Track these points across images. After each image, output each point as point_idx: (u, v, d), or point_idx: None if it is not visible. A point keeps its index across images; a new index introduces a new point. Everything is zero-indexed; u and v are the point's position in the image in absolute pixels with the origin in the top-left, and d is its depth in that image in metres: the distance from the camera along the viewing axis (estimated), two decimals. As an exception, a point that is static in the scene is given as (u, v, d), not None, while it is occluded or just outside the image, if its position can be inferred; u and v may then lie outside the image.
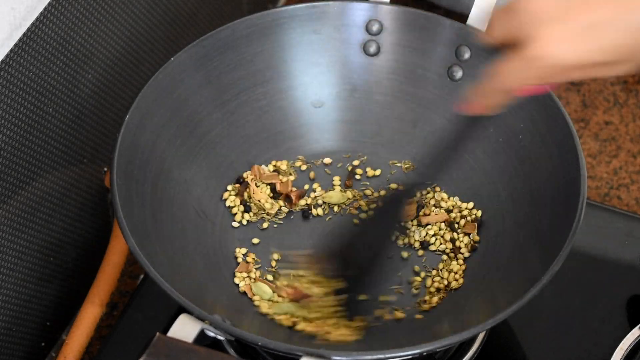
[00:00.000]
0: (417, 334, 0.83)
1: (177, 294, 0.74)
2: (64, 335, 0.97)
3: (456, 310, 0.83)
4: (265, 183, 0.91)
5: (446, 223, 0.88)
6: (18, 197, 0.86)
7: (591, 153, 1.07)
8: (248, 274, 0.86)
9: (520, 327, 0.90)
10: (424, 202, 0.90)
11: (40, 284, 0.91)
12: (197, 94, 0.90)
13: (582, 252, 0.93)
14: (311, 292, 0.83)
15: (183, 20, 1.03)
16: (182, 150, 0.89)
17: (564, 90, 1.12)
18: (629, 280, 0.92)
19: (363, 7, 0.92)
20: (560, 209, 0.81)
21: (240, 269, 0.86)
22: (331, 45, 0.93)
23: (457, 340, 0.75)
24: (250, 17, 0.91)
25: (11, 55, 0.81)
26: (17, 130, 0.84)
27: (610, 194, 1.04)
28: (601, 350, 0.88)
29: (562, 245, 0.77)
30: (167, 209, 0.85)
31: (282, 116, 0.94)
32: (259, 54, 0.92)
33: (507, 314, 0.74)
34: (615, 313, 0.91)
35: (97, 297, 0.93)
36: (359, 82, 0.94)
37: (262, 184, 0.91)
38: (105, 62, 0.93)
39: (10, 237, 0.86)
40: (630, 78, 1.13)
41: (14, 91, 0.82)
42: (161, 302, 0.91)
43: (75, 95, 0.91)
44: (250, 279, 0.86)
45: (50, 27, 0.85)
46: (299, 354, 0.72)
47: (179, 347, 0.70)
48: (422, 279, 0.87)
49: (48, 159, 0.89)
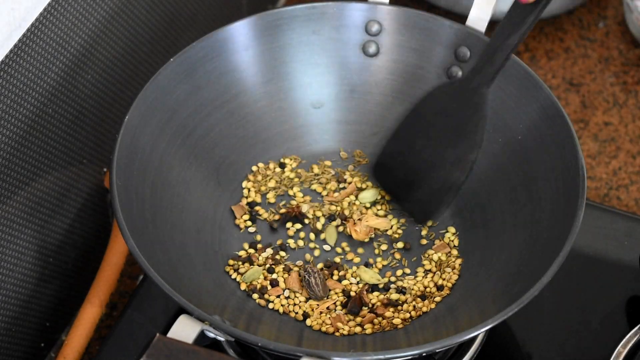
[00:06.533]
0: (417, 334, 0.83)
1: (176, 295, 0.74)
2: (64, 335, 0.97)
3: (456, 311, 0.83)
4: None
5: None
6: (18, 197, 0.86)
7: (591, 154, 1.07)
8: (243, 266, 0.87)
9: (520, 327, 0.90)
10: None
11: (40, 284, 0.91)
12: (197, 95, 0.90)
13: (582, 253, 0.94)
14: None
15: (183, 21, 1.03)
16: (182, 150, 0.89)
17: (563, 90, 1.12)
18: (628, 280, 0.92)
19: (362, 7, 0.92)
20: (560, 209, 0.81)
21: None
22: (330, 46, 0.93)
23: (457, 341, 0.75)
24: (249, 17, 0.91)
25: (11, 55, 0.81)
26: (17, 131, 0.84)
27: (609, 194, 1.05)
28: (601, 350, 0.88)
29: (562, 245, 0.77)
30: (167, 210, 0.85)
31: (281, 117, 0.94)
32: (258, 55, 0.92)
33: (506, 315, 0.74)
34: (615, 313, 0.91)
35: (97, 297, 0.93)
36: (358, 82, 0.94)
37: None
38: (105, 62, 0.93)
39: (10, 237, 0.86)
40: (630, 79, 1.13)
41: (13, 91, 0.82)
42: (161, 303, 0.90)
43: (75, 95, 0.91)
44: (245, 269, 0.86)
45: (50, 27, 0.85)
46: (299, 355, 0.72)
47: (179, 347, 0.70)
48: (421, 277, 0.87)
49: (48, 159, 0.89)
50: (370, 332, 0.83)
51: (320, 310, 0.85)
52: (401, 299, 0.85)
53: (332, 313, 0.85)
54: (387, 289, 0.86)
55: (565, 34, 1.17)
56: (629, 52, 1.15)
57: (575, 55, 1.15)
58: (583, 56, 1.15)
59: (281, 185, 0.92)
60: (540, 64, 1.14)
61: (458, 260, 0.87)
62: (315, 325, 0.84)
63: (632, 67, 1.14)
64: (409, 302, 0.85)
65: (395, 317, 0.84)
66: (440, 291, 0.86)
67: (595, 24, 1.17)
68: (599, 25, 1.17)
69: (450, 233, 0.89)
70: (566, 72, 1.14)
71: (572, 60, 1.15)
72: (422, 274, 0.87)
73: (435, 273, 0.87)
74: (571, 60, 1.15)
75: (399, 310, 0.85)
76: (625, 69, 1.14)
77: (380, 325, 0.84)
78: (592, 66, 1.14)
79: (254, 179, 0.92)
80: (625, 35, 1.16)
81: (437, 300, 0.85)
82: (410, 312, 0.84)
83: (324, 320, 0.84)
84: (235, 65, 0.91)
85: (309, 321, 0.84)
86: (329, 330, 0.84)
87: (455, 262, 0.87)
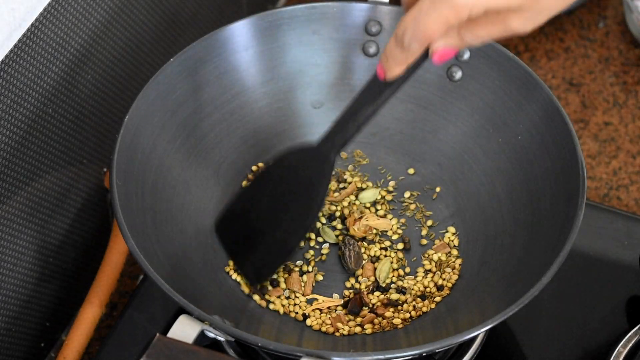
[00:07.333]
0: (417, 334, 0.83)
1: (176, 295, 0.74)
2: (64, 335, 0.97)
3: (456, 311, 0.83)
4: None
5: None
6: (18, 197, 0.86)
7: (591, 154, 1.07)
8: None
9: (520, 327, 0.90)
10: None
11: (40, 284, 0.91)
12: (197, 95, 0.90)
13: (582, 253, 0.94)
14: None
15: (183, 21, 1.03)
16: (182, 150, 0.89)
17: (563, 90, 1.12)
18: (628, 280, 0.92)
19: (362, 7, 0.92)
20: (560, 209, 0.81)
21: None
22: (331, 46, 0.93)
23: (457, 341, 0.75)
24: (249, 17, 0.91)
25: (11, 55, 0.81)
26: (17, 131, 0.84)
27: (609, 194, 1.05)
28: (601, 350, 0.88)
29: (562, 245, 0.77)
30: (167, 210, 0.85)
31: (281, 117, 0.94)
32: (258, 55, 0.92)
33: (506, 315, 0.74)
34: (615, 313, 0.91)
35: (97, 297, 0.93)
36: (358, 82, 0.94)
37: None
38: (105, 63, 0.93)
39: (10, 237, 0.86)
40: (630, 79, 1.13)
41: (13, 91, 0.82)
42: (161, 303, 0.90)
43: (75, 95, 0.91)
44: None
45: (50, 27, 0.85)
46: (299, 355, 0.72)
47: (179, 348, 0.70)
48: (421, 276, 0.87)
49: (48, 159, 0.89)
50: (370, 332, 0.83)
51: (321, 308, 0.85)
52: (401, 299, 0.85)
53: (332, 313, 0.85)
54: (387, 289, 0.86)
55: (565, 34, 1.17)
56: (629, 52, 1.15)
57: (575, 55, 1.15)
58: (583, 56, 1.15)
59: (281, 186, 0.92)
60: (540, 64, 1.14)
61: (458, 260, 0.87)
62: (315, 325, 0.84)
63: (632, 67, 1.14)
64: (409, 302, 0.85)
65: (395, 317, 0.84)
66: (440, 291, 0.86)
67: (595, 24, 1.17)
68: (599, 25, 1.17)
69: (450, 233, 0.89)
70: (566, 72, 1.14)
71: (572, 60, 1.15)
72: (422, 274, 0.87)
73: (435, 273, 0.87)
74: (571, 60, 1.15)
75: (399, 310, 0.85)
76: (625, 69, 1.14)
77: (380, 325, 0.84)
78: (592, 66, 1.14)
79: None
80: (625, 35, 1.16)
81: (437, 300, 0.85)
82: (410, 312, 0.84)
83: (324, 321, 0.84)
84: (235, 65, 0.91)
85: (309, 321, 0.84)
86: (329, 330, 0.84)
87: (455, 262, 0.87)
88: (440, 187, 0.91)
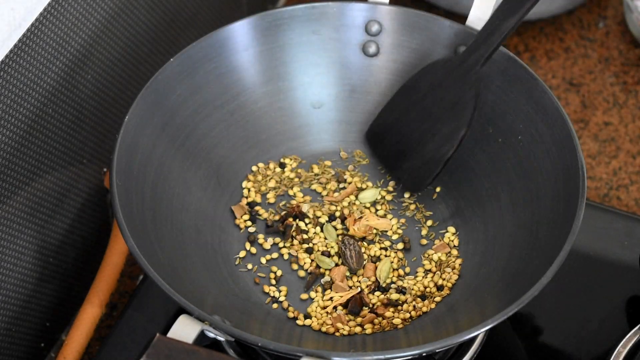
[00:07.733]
0: (417, 334, 0.83)
1: (176, 295, 0.74)
2: (64, 335, 0.97)
3: (456, 311, 0.83)
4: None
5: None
6: (18, 197, 0.86)
7: (591, 154, 1.07)
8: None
9: (520, 327, 0.90)
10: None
11: (40, 284, 0.91)
12: (197, 95, 0.90)
13: (582, 253, 0.94)
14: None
15: (183, 21, 1.03)
16: (182, 150, 0.89)
17: (563, 90, 1.12)
18: (628, 280, 0.92)
19: (362, 7, 0.92)
20: (560, 209, 0.81)
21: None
22: (330, 46, 0.93)
23: (457, 341, 0.75)
24: (249, 17, 0.91)
25: (11, 55, 0.81)
26: (17, 131, 0.84)
27: (609, 194, 1.05)
28: (601, 350, 0.88)
29: (562, 245, 0.77)
30: (167, 210, 0.85)
31: (281, 117, 0.94)
32: (258, 55, 0.92)
33: (506, 314, 0.74)
34: (615, 313, 0.91)
35: (97, 297, 0.93)
36: (358, 82, 0.94)
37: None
38: (105, 63, 0.93)
39: (9, 237, 0.86)
40: (630, 79, 1.13)
41: (13, 91, 0.82)
42: (161, 303, 0.91)
43: (75, 95, 0.91)
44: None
45: (50, 27, 0.85)
46: (299, 355, 0.72)
47: (179, 348, 0.70)
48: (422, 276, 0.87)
49: (48, 159, 0.89)
50: (370, 332, 0.83)
51: (321, 307, 0.85)
52: (401, 299, 0.85)
53: (332, 313, 0.85)
54: (387, 289, 0.86)
55: (565, 34, 1.17)
56: (629, 52, 1.15)
57: (575, 55, 1.15)
58: (583, 56, 1.15)
59: (281, 185, 0.92)
60: (540, 64, 1.14)
61: (458, 260, 0.87)
62: (315, 325, 0.84)
63: (632, 67, 1.14)
64: (409, 302, 0.85)
65: (395, 317, 0.84)
66: (440, 291, 0.86)
67: (595, 24, 1.17)
68: (599, 25, 1.17)
69: (450, 233, 0.89)
70: (566, 72, 1.14)
71: (572, 60, 1.15)
72: (422, 274, 0.87)
73: (435, 273, 0.87)
74: (571, 60, 1.15)
75: (399, 310, 0.85)
76: (625, 69, 1.14)
77: (380, 325, 0.84)
78: (592, 66, 1.14)
79: (254, 179, 0.92)
80: (625, 35, 1.16)
81: (437, 300, 0.85)
82: (410, 312, 0.84)
83: (324, 321, 0.84)
84: (235, 65, 0.91)
85: (309, 321, 0.84)
86: (329, 330, 0.84)
87: (455, 262, 0.87)
88: (440, 187, 0.91)
